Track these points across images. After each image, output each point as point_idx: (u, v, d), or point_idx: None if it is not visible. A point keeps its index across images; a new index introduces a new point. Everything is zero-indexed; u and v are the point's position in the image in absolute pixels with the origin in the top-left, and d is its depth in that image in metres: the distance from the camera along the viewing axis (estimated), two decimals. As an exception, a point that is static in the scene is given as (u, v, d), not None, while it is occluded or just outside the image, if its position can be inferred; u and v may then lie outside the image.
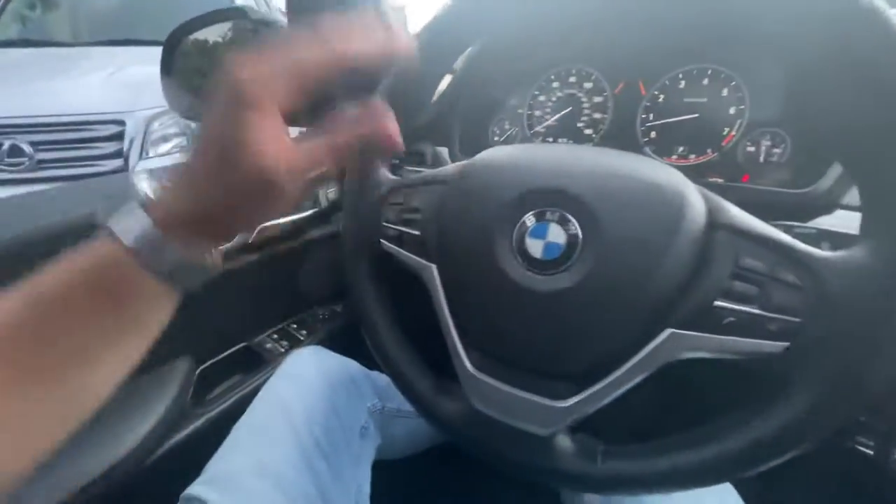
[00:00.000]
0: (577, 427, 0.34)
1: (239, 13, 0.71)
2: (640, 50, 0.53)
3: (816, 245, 0.27)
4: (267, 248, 0.61)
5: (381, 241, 0.40)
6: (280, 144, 0.22)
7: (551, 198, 0.31)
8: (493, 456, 0.37)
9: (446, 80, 0.54)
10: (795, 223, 0.43)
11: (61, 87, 1.90)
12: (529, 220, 0.32)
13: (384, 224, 0.40)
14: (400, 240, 0.39)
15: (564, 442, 0.34)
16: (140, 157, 1.80)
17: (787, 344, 0.27)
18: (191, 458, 0.46)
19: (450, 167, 0.38)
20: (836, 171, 0.43)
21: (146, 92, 1.85)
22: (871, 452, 0.47)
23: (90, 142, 1.77)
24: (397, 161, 0.60)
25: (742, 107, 0.48)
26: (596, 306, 0.30)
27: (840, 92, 0.28)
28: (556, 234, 0.31)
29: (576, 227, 0.30)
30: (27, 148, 1.71)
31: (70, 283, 0.23)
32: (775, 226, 0.29)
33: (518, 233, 0.32)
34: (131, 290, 0.24)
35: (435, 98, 0.41)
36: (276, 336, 0.65)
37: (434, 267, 0.36)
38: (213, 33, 0.73)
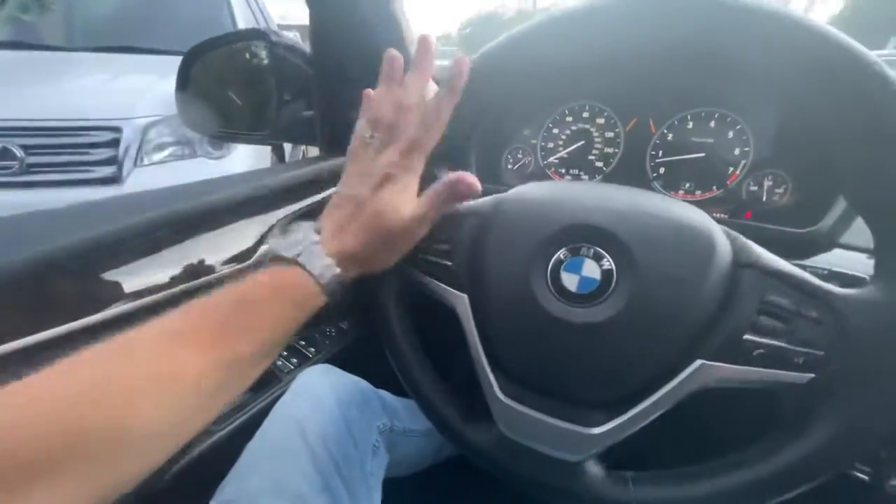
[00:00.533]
0: (605, 454, 0.35)
1: (257, 34, 0.72)
2: (652, 91, 0.55)
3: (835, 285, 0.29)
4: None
5: (411, 270, 0.41)
6: (413, 205, 0.37)
7: (587, 234, 0.33)
8: (523, 481, 0.38)
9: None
10: (798, 262, 0.45)
11: (56, 92, 1.88)
12: (564, 254, 0.33)
13: (414, 254, 0.41)
14: (431, 269, 0.40)
15: (594, 468, 0.35)
16: (135, 164, 1.78)
17: (812, 375, 0.29)
18: (202, 479, 0.45)
19: (485, 200, 0.40)
20: (836, 211, 0.45)
21: (144, 100, 1.85)
22: (868, 478, 0.49)
23: (84, 147, 1.74)
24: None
25: (746, 149, 0.51)
26: (629, 339, 0.31)
27: (842, 137, 0.30)
28: (591, 270, 0.32)
29: (610, 263, 0.32)
30: (18, 151, 1.68)
31: (270, 292, 0.34)
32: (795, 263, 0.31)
33: (553, 267, 0.33)
34: (308, 302, 0.35)
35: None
36: (285, 353, 0.65)
37: (466, 297, 0.38)
38: (230, 53, 0.74)
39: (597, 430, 0.33)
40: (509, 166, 0.65)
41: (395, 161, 0.36)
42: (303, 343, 0.68)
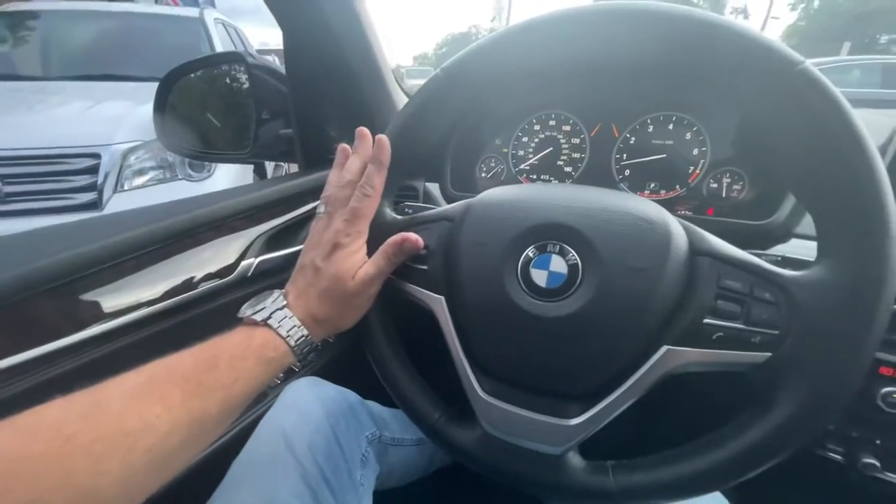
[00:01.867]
0: (585, 445, 0.36)
1: (234, 57, 0.73)
2: (612, 98, 0.58)
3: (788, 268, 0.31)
4: (262, 280, 0.62)
5: (391, 276, 0.42)
6: (365, 267, 0.41)
7: (552, 232, 0.34)
8: (509, 477, 0.38)
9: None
10: (757, 251, 0.47)
11: (33, 121, 1.86)
12: (532, 252, 0.34)
13: None
14: (408, 274, 0.41)
15: (575, 459, 0.36)
16: (115, 190, 1.76)
17: (769, 354, 0.30)
18: (190, 495, 0.44)
19: (455, 205, 0.41)
20: (789, 205, 0.48)
21: (122, 126, 1.83)
22: (842, 458, 0.51)
23: (63, 175, 1.72)
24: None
25: (704, 148, 0.54)
26: (598, 328, 0.32)
27: (786, 138, 0.32)
28: (558, 265, 0.34)
29: (575, 258, 0.33)
30: (-6, 181, 1.65)
31: (241, 351, 0.35)
32: (752, 252, 0.33)
33: (523, 264, 0.34)
34: (278, 361, 0.37)
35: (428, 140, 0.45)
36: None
37: (443, 298, 0.38)
38: (208, 75, 0.75)
39: (574, 421, 0.34)
40: (483, 175, 0.67)
41: (341, 229, 0.41)
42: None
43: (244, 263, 0.58)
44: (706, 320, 0.31)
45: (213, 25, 2.82)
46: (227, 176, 2.01)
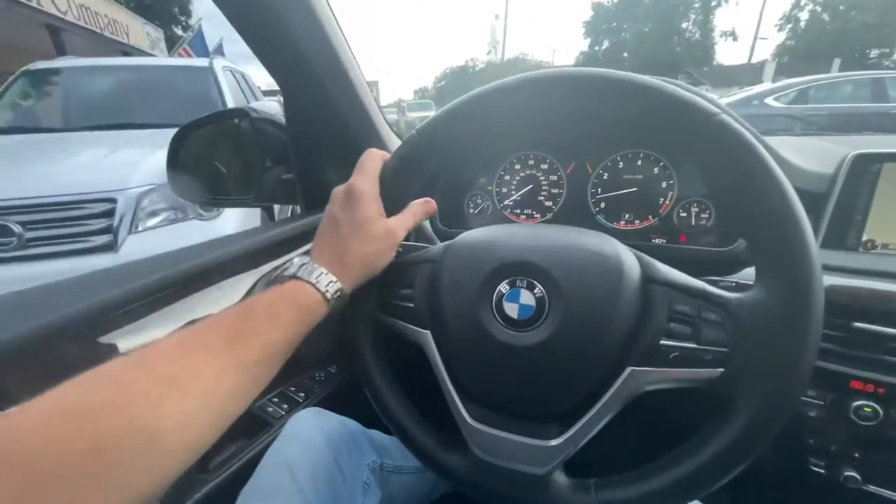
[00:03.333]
0: (570, 464, 0.38)
1: (238, 112, 0.79)
2: (583, 139, 0.63)
3: (736, 292, 0.34)
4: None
5: (381, 314, 0.45)
6: (392, 220, 0.44)
7: (520, 269, 0.38)
8: (502, 499, 0.40)
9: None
10: (722, 277, 0.50)
11: (53, 170, 1.95)
12: (504, 287, 0.38)
13: (382, 300, 0.45)
14: (397, 312, 0.44)
15: (561, 478, 0.39)
16: (129, 231, 1.83)
17: (721, 369, 0.33)
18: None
19: (436, 248, 0.45)
20: None
21: (137, 171, 1.92)
22: (823, 471, 0.52)
23: (80, 219, 1.79)
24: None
25: (671, 181, 0.57)
26: (566, 354, 0.36)
27: (716, 178, 0.36)
28: (527, 298, 0.37)
29: (542, 291, 0.37)
30: (16, 227, 1.72)
31: (275, 298, 0.37)
32: (706, 279, 0.36)
33: (497, 299, 0.38)
34: (311, 308, 0.39)
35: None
36: (276, 399, 0.67)
37: (429, 333, 0.42)
38: (215, 129, 0.80)
39: (554, 442, 0.37)
40: (471, 210, 0.71)
41: (352, 182, 0.44)
42: (293, 389, 0.70)
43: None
44: (662, 342, 0.34)
45: (221, 73, 2.96)
46: (236, 215, 2.08)
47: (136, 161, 1.99)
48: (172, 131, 0.77)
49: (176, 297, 0.54)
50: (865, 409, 0.48)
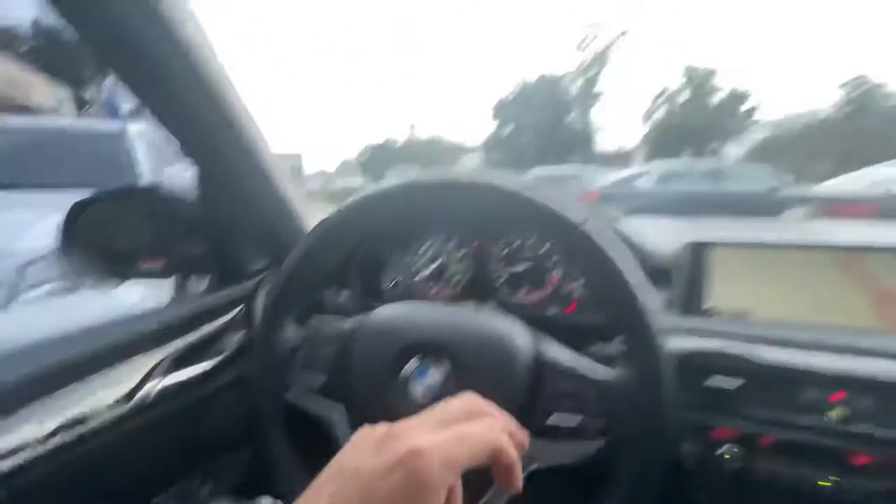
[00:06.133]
0: None
1: (147, 192, 0.74)
2: (480, 221, 0.68)
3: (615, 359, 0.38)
4: (163, 405, 0.58)
5: (290, 389, 0.44)
6: None
7: (425, 348, 0.40)
8: None
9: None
10: (608, 343, 0.55)
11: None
12: (411, 365, 0.39)
13: (292, 376, 0.44)
14: (308, 386, 0.43)
15: None
16: (9, 301, 1.56)
17: (604, 439, 0.36)
18: None
19: (350, 322, 0.45)
20: None
21: (25, 236, 1.68)
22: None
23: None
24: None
25: (557, 257, 0.64)
26: None
27: (582, 272, 0.42)
28: (432, 375, 0.38)
29: (447, 368, 0.38)
30: None
31: None
32: (594, 345, 0.40)
33: (404, 376, 0.39)
34: None
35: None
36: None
37: (342, 406, 0.41)
38: (117, 204, 0.74)
39: None
40: (388, 284, 0.72)
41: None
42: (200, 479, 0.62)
43: (146, 388, 0.55)
44: (554, 415, 0.37)
45: (137, 139, 2.75)
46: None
47: (23, 224, 1.74)
48: (69, 194, 0.70)
49: (55, 386, 0.47)
50: (734, 449, 0.53)
